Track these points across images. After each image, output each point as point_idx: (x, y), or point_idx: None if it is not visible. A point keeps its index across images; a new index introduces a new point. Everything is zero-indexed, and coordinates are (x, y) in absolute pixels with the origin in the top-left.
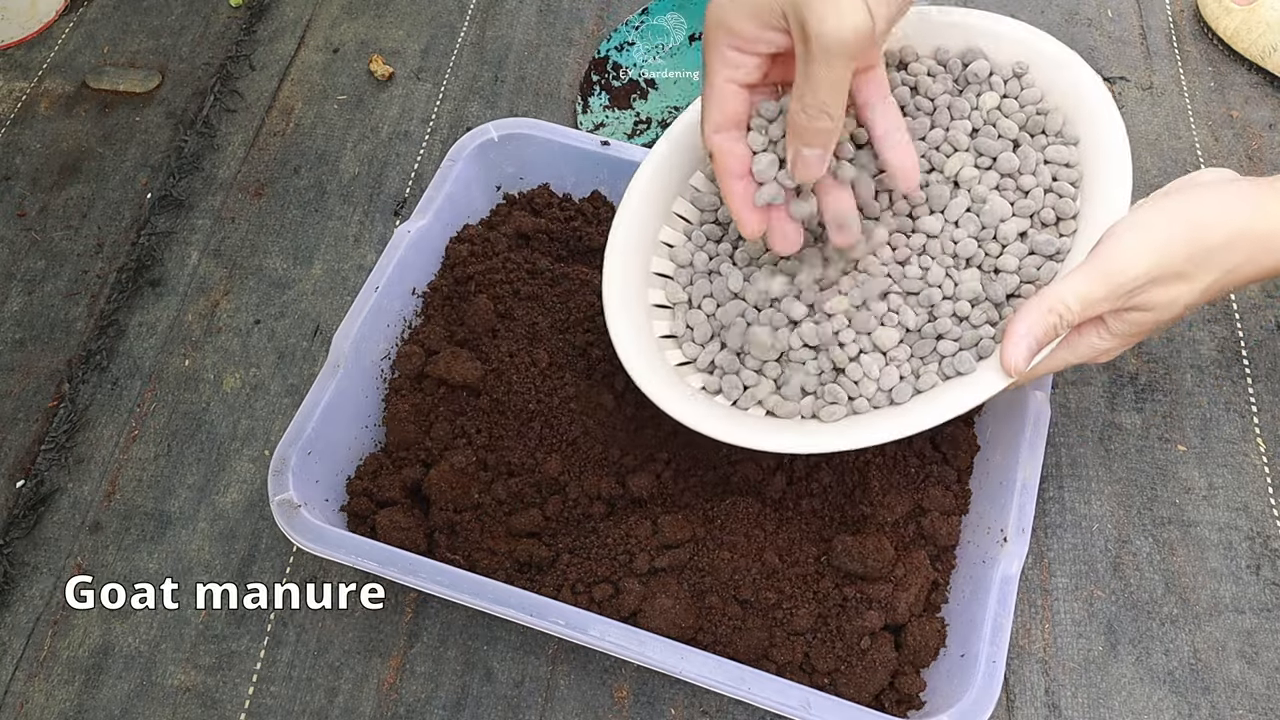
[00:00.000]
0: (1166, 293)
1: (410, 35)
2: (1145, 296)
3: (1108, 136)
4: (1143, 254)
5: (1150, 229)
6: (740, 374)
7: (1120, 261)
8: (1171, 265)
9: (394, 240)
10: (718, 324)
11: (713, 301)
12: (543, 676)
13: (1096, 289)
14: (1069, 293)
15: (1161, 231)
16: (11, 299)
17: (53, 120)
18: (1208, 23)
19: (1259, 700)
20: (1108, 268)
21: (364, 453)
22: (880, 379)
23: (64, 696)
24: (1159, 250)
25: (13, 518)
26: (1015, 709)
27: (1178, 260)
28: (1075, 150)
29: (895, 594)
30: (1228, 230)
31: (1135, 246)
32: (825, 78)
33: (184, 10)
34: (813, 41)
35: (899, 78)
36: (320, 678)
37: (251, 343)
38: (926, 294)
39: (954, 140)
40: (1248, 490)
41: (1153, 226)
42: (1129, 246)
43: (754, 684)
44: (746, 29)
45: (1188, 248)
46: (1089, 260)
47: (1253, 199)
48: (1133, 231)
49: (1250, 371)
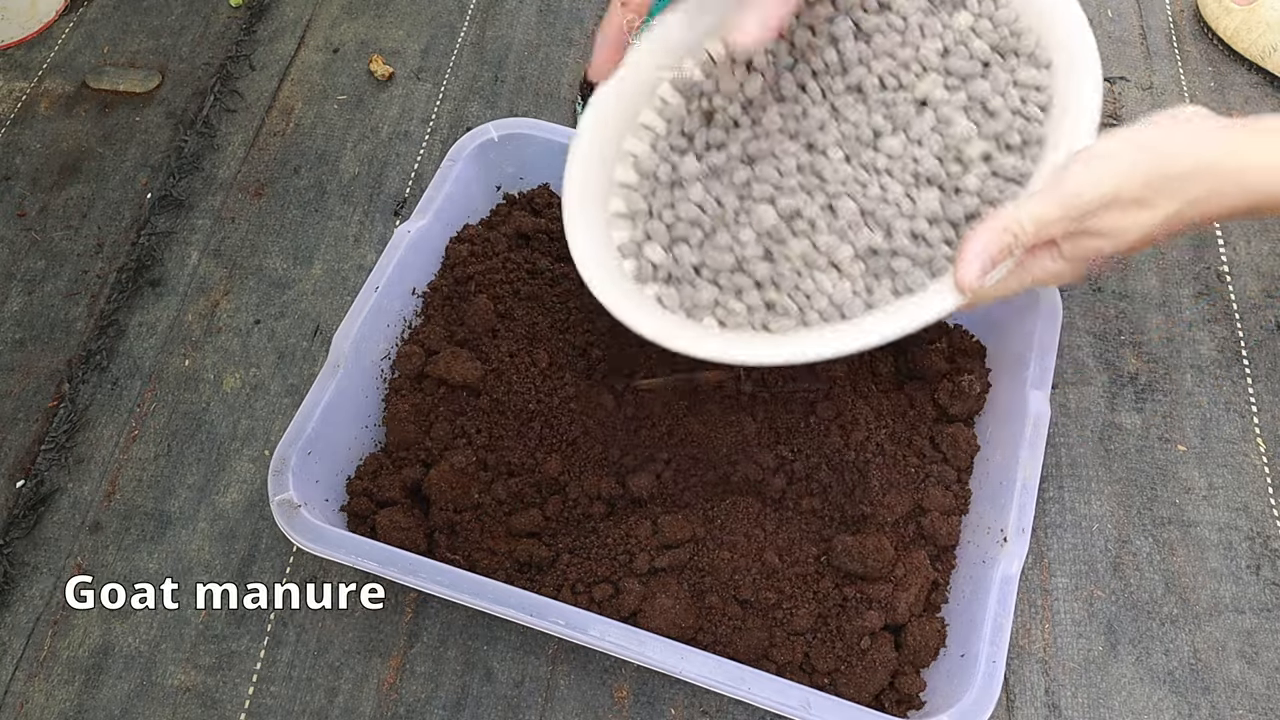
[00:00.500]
0: (1123, 218)
1: (410, 35)
2: (1100, 221)
3: (1081, 61)
4: (1102, 178)
5: (1112, 156)
6: (695, 284)
7: (1078, 184)
8: (1130, 190)
9: (394, 240)
10: (686, 224)
11: (673, 212)
12: (543, 676)
13: (1051, 210)
14: (1024, 213)
15: (1124, 158)
16: (11, 299)
17: (53, 120)
18: (1208, 23)
19: (1259, 700)
20: (1065, 189)
21: (364, 453)
22: (833, 293)
23: (64, 696)
24: (1118, 175)
25: (13, 518)
26: (1015, 709)
27: (1136, 186)
28: (1046, 74)
29: (895, 594)
30: (1192, 161)
31: (1095, 170)
32: None
33: (184, 10)
34: None
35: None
36: (320, 678)
37: (251, 343)
38: (884, 212)
39: (924, 59)
40: (1248, 490)
41: (1115, 154)
42: (1089, 170)
43: (754, 684)
44: None
45: (1148, 174)
46: (1049, 183)
47: (1224, 135)
48: (1096, 157)
49: (1250, 371)
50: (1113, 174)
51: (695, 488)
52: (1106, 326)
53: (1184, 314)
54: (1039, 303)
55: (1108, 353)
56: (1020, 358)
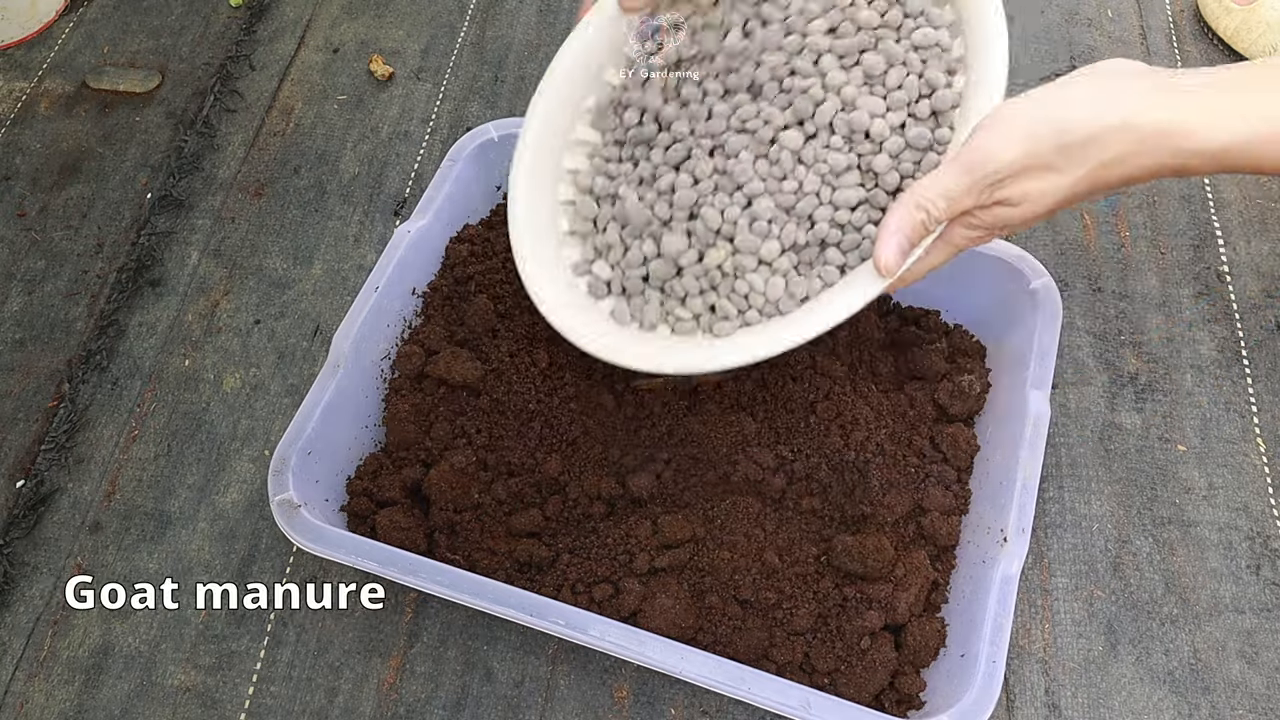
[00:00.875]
0: (1036, 185)
1: (410, 35)
2: (1012, 190)
3: (982, 17)
4: (1008, 146)
5: (1016, 122)
6: (645, 294)
7: (984, 153)
8: (1040, 157)
9: (394, 240)
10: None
11: (616, 225)
12: (543, 676)
13: (960, 182)
14: (934, 188)
15: (1028, 125)
16: (11, 299)
17: (53, 120)
18: (1208, 23)
19: (1259, 700)
20: (971, 160)
21: (364, 453)
22: (766, 290)
23: (64, 696)
24: (1024, 142)
25: (13, 518)
26: (1015, 709)
27: (1046, 152)
28: (946, 33)
29: (895, 594)
30: (1099, 125)
31: (1001, 138)
32: None
33: (184, 10)
34: None
35: None
36: (320, 678)
37: (251, 343)
38: (804, 205)
39: (814, 45)
40: (1248, 490)
41: (1019, 120)
42: (994, 137)
43: (754, 684)
44: None
45: (1056, 139)
46: (956, 154)
47: (1142, 95)
48: (1001, 123)
49: (1250, 371)
50: (1017, 140)
51: (695, 488)
52: (1106, 326)
53: (1184, 314)
54: (1039, 303)
55: (1108, 353)
56: (1020, 358)
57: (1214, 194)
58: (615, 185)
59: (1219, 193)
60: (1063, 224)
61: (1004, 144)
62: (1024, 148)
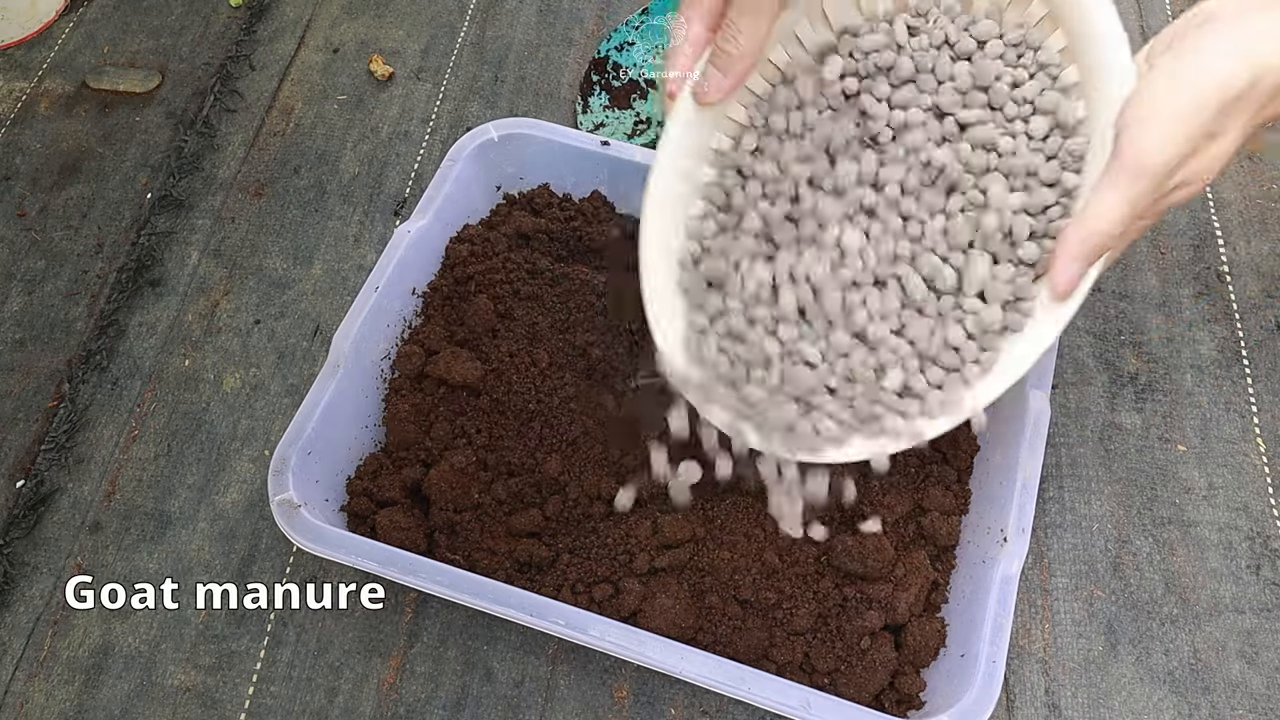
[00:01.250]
0: (1205, 160)
1: (410, 35)
2: (1184, 174)
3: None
4: (1166, 140)
5: (1162, 110)
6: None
7: (1143, 155)
8: (1202, 133)
9: (394, 240)
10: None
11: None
12: (543, 676)
13: (1128, 193)
14: (1105, 204)
15: (1176, 109)
16: (11, 299)
17: (53, 120)
18: None
19: (1259, 700)
20: (1134, 166)
21: (364, 453)
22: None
23: (64, 696)
24: (1181, 126)
25: (13, 518)
26: (1015, 709)
27: (1207, 125)
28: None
29: (895, 594)
30: (1248, 72)
31: (1156, 134)
32: None
33: (184, 10)
34: None
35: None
36: (320, 678)
37: (251, 343)
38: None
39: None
40: (1248, 490)
41: (1164, 106)
42: (1147, 134)
43: (754, 684)
44: None
45: (1214, 109)
46: (1111, 161)
47: (1270, 32)
48: (1147, 117)
49: (1250, 371)
50: (1173, 127)
51: (695, 487)
52: (1106, 326)
53: (1184, 314)
54: None
55: (1108, 353)
56: None
57: (1214, 194)
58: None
59: (1219, 193)
60: None
61: (1160, 140)
62: (1183, 133)
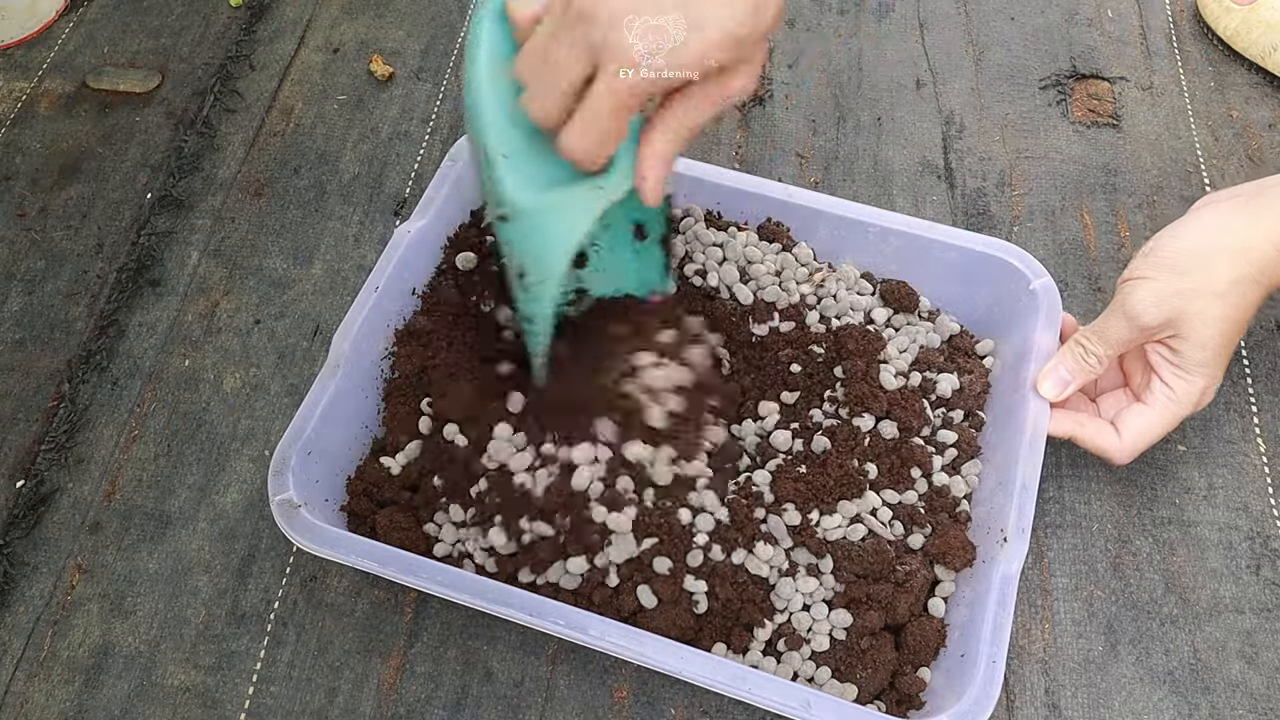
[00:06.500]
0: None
1: (410, 35)
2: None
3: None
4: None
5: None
6: None
7: (1131, 312)
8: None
9: (394, 240)
10: None
11: None
12: (543, 676)
13: (1120, 330)
14: (1096, 332)
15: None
16: (11, 299)
17: (53, 120)
18: (1208, 23)
19: (1259, 700)
20: (1125, 313)
21: (364, 453)
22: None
23: (64, 696)
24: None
25: (13, 518)
26: (1015, 709)
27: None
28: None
29: (895, 594)
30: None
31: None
32: None
33: (184, 10)
34: None
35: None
36: (320, 678)
37: (251, 343)
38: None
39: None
40: (1248, 490)
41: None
42: (1135, 300)
43: (754, 684)
44: None
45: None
46: (1115, 302)
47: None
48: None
49: (1250, 371)
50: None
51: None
52: None
53: None
54: (1039, 303)
55: None
56: (1020, 358)
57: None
58: None
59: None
60: (1063, 224)
61: (1144, 306)
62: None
